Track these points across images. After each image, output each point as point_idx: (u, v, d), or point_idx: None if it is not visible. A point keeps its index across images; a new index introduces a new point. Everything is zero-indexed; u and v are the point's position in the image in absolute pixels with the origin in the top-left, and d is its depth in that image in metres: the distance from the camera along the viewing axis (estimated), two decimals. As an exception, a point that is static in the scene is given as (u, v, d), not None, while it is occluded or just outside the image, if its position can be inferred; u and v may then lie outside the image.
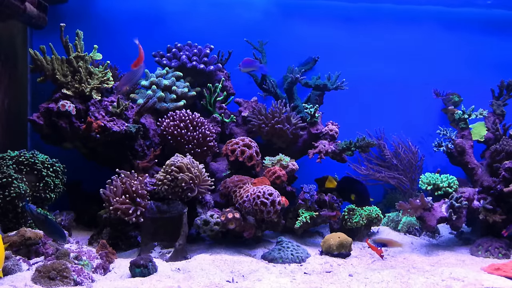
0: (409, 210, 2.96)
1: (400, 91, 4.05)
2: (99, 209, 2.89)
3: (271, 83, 3.64)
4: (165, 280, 2.18)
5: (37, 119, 2.90)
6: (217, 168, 3.30)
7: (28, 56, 3.42)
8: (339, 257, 2.80)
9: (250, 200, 2.76)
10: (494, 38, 4.14)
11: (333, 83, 3.61)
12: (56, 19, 3.35)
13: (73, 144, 3.06)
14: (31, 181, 2.64)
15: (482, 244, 2.92)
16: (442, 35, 4.10)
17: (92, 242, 2.81)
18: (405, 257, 2.84)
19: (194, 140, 3.10)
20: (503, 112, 3.46)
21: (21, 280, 1.98)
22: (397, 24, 4.09)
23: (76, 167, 3.14)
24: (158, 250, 2.67)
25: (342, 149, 3.31)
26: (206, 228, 2.80)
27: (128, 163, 3.04)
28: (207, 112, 3.46)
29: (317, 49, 3.92)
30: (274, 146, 3.48)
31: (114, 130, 2.94)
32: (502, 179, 2.97)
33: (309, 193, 3.12)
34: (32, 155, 2.70)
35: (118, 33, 3.75)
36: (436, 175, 3.29)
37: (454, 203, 2.96)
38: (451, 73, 4.06)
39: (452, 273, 2.30)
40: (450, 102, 3.91)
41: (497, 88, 3.50)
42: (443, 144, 3.43)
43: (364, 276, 2.31)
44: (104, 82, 3.08)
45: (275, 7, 3.97)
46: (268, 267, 2.52)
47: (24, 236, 2.24)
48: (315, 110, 3.45)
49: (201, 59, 3.49)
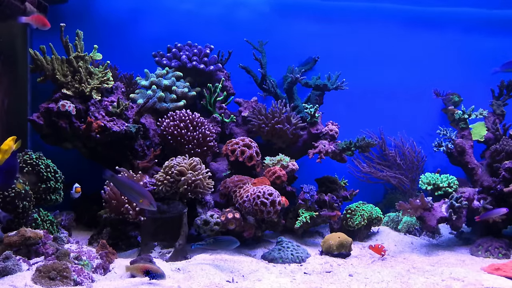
0: (409, 210, 2.96)
1: (400, 91, 4.05)
2: (99, 209, 2.89)
3: (271, 83, 3.64)
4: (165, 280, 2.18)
5: (37, 119, 2.90)
6: (217, 168, 3.30)
7: (28, 56, 3.42)
8: (339, 257, 2.80)
9: (250, 200, 2.76)
10: (494, 38, 4.14)
11: (333, 83, 3.61)
12: (56, 19, 3.34)
13: (73, 144, 3.06)
14: (31, 182, 2.65)
15: (482, 244, 2.92)
16: (442, 35, 4.10)
17: (92, 242, 2.81)
18: (405, 257, 2.84)
19: (194, 140, 3.10)
20: (503, 112, 3.46)
21: (21, 280, 1.98)
22: (397, 24, 4.09)
23: (76, 167, 3.14)
24: (158, 250, 2.67)
25: (342, 149, 3.32)
26: (206, 228, 2.80)
27: (128, 163, 3.04)
28: (207, 112, 3.45)
29: (317, 49, 3.93)
30: (274, 146, 3.48)
31: (114, 130, 2.94)
32: (502, 179, 2.97)
33: (309, 193, 3.12)
34: (38, 157, 2.70)
35: (118, 33, 3.76)
36: (436, 175, 3.30)
37: (454, 203, 2.96)
38: (451, 73, 4.06)
39: (452, 273, 2.30)
40: (450, 102, 3.91)
41: (497, 88, 3.50)
42: (443, 144, 3.43)
43: (364, 276, 2.31)
44: (104, 82, 3.08)
45: (275, 7, 3.98)
46: (268, 267, 2.52)
47: (24, 236, 2.24)
48: (315, 110, 3.45)
49: (201, 59, 3.49)
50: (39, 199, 2.69)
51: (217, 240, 2.53)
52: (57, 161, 2.89)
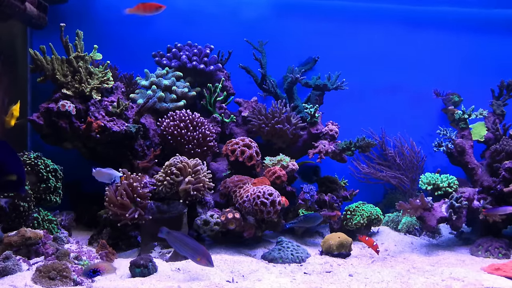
0: (409, 210, 2.96)
1: (400, 91, 4.05)
2: (99, 209, 2.89)
3: (271, 83, 3.64)
4: (165, 280, 2.18)
5: (37, 119, 2.90)
6: (217, 168, 3.30)
7: (28, 56, 3.42)
8: (339, 257, 2.80)
9: (250, 200, 2.76)
10: (494, 38, 4.14)
11: (333, 83, 3.61)
12: (56, 19, 3.34)
13: (73, 144, 3.06)
14: (31, 182, 2.65)
15: (482, 244, 2.92)
16: (442, 35, 4.10)
17: (92, 242, 2.81)
18: (405, 257, 2.84)
19: (194, 140, 3.10)
20: (503, 112, 3.46)
21: (21, 280, 1.98)
22: (397, 24, 4.09)
23: (76, 167, 3.14)
24: (158, 250, 2.67)
25: (342, 149, 3.32)
26: (206, 228, 2.80)
27: (128, 163, 3.04)
28: (207, 112, 3.45)
29: (317, 49, 3.92)
30: (274, 146, 3.48)
31: (114, 130, 2.94)
32: (502, 179, 2.97)
33: (309, 193, 3.12)
34: (37, 156, 2.70)
35: (118, 33, 3.76)
36: (436, 175, 3.29)
37: (454, 203, 2.96)
38: (451, 73, 4.06)
39: (452, 273, 2.30)
40: (450, 102, 3.91)
41: (497, 88, 3.50)
42: (443, 144, 3.43)
43: (364, 276, 2.31)
44: (104, 82, 3.08)
45: (275, 7, 3.97)
46: (268, 267, 2.52)
47: (24, 236, 2.24)
48: (315, 110, 3.46)
49: (201, 59, 3.49)
50: (39, 199, 2.69)
51: (306, 217, 2.87)
52: (57, 161, 2.90)
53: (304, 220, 2.87)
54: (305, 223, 2.89)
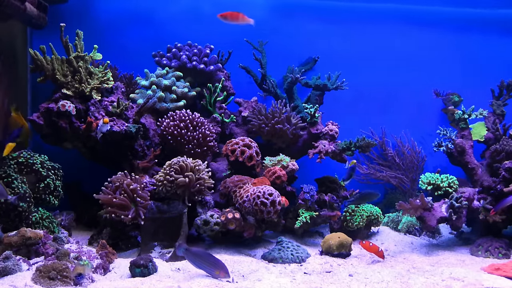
0: (409, 210, 2.96)
1: (400, 91, 4.05)
2: (99, 209, 2.89)
3: (271, 83, 3.64)
4: (165, 280, 2.18)
5: (37, 119, 2.90)
6: (217, 168, 3.30)
7: (28, 56, 3.42)
8: (339, 257, 2.80)
9: (250, 200, 2.76)
10: (494, 38, 4.14)
11: (333, 83, 3.61)
12: (56, 19, 3.34)
13: (73, 144, 3.06)
14: (31, 182, 2.64)
15: (482, 244, 2.92)
16: (443, 35, 4.10)
17: (92, 242, 2.81)
18: (405, 257, 2.84)
19: (194, 140, 3.10)
20: (503, 112, 3.46)
21: (21, 280, 1.98)
22: (398, 24, 4.09)
23: (76, 167, 3.14)
24: (158, 250, 2.67)
25: (342, 149, 3.32)
26: (206, 228, 2.80)
27: (128, 163, 3.04)
28: (207, 112, 3.45)
29: (317, 49, 3.93)
30: (274, 146, 3.48)
31: (114, 130, 2.94)
32: (502, 179, 2.97)
33: (309, 193, 3.12)
34: (31, 156, 2.70)
35: (118, 33, 3.76)
36: (436, 175, 3.29)
37: (454, 203, 2.96)
38: (451, 73, 4.06)
39: (452, 273, 2.30)
40: (450, 102, 3.91)
41: (497, 88, 3.50)
42: (443, 144, 3.43)
43: (364, 276, 2.31)
44: (104, 82, 3.08)
45: (275, 7, 3.97)
46: (268, 267, 2.52)
47: (24, 236, 2.24)
48: (315, 110, 3.46)
49: (201, 59, 3.49)
50: (39, 199, 2.69)
51: (362, 194, 3.05)
52: (57, 161, 2.89)
53: (360, 197, 3.01)
54: (362, 200, 3.02)
